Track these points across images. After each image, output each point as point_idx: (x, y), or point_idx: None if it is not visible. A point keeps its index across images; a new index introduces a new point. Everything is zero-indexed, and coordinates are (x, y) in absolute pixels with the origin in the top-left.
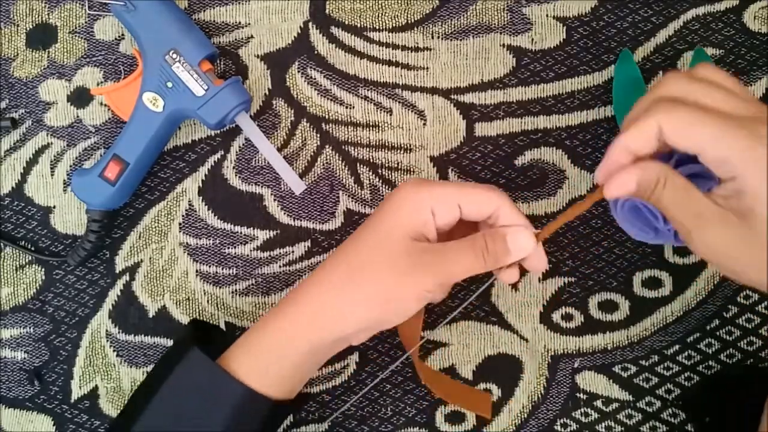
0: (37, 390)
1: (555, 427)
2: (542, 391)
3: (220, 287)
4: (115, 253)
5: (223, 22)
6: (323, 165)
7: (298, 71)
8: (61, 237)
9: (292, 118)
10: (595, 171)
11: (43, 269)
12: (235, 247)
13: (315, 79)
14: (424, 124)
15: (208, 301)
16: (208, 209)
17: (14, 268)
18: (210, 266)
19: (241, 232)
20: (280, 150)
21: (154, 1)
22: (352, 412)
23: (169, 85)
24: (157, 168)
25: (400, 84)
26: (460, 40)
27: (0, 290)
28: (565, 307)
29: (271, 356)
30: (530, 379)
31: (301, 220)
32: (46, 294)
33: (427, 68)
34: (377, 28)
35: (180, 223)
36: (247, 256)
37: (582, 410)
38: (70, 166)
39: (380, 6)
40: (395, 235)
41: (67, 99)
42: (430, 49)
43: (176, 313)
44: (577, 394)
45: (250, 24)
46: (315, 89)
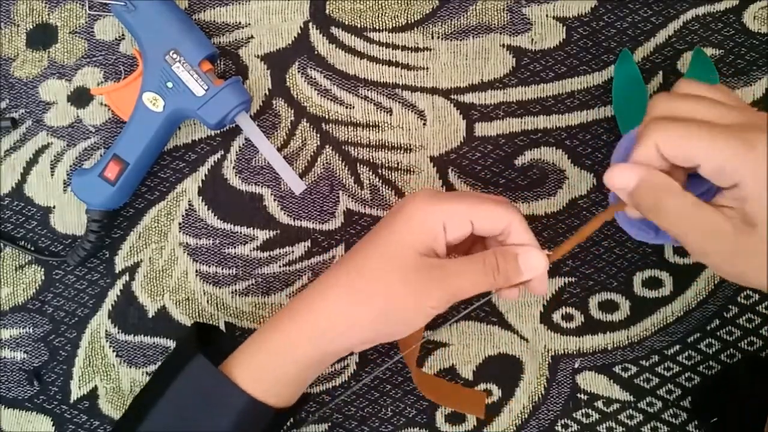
0: (37, 390)
1: (556, 428)
2: (543, 392)
3: (220, 287)
4: (115, 253)
5: (223, 22)
6: (323, 165)
7: (298, 71)
8: (61, 237)
9: (292, 118)
10: (610, 198)
11: (43, 269)
12: (235, 247)
13: (315, 79)
14: (424, 124)
15: (207, 301)
16: (208, 209)
17: (14, 268)
18: (210, 266)
19: (241, 232)
20: (280, 150)
21: (154, 1)
22: (353, 413)
23: (169, 85)
24: (157, 168)
25: (400, 84)
26: (460, 40)
27: (0, 290)
28: (566, 307)
29: (274, 365)
30: (531, 379)
31: (301, 220)
32: (45, 294)
33: (427, 68)
34: (377, 28)
35: (180, 223)
36: (247, 256)
37: (583, 411)
38: (70, 166)
39: (380, 6)
40: (404, 249)
41: (67, 99)
42: (430, 49)
43: (176, 313)
44: (578, 395)
45: (250, 24)
46: (315, 89)
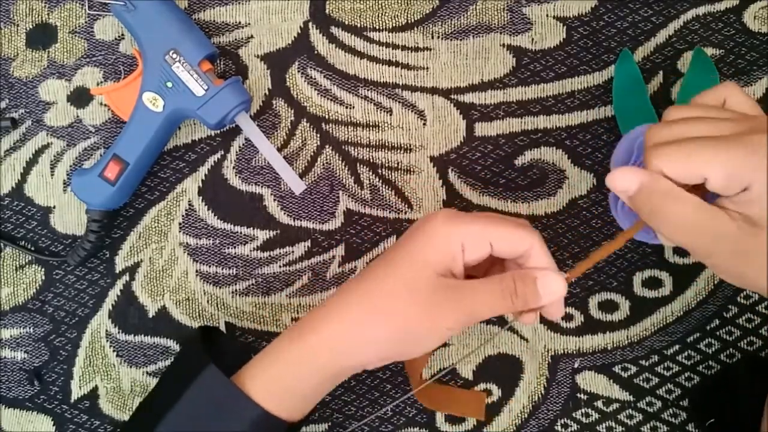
0: (37, 390)
1: (555, 428)
2: (542, 392)
3: (220, 287)
4: (115, 253)
5: (223, 22)
6: (323, 165)
7: (298, 71)
8: (61, 237)
9: (292, 118)
10: (610, 198)
11: (43, 269)
12: (235, 247)
13: (315, 79)
14: (424, 124)
15: (208, 301)
16: (208, 209)
17: (14, 268)
18: (210, 266)
19: (241, 232)
20: (280, 150)
21: (154, 1)
22: (353, 412)
23: (169, 85)
24: (157, 168)
25: (400, 84)
26: (460, 40)
27: (0, 290)
28: (565, 307)
29: (287, 378)
30: (530, 379)
31: (301, 220)
32: (46, 294)
33: (427, 68)
34: (377, 28)
35: (180, 223)
36: (247, 256)
37: (583, 410)
38: (70, 166)
39: (380, 6)
40: (422, 270)
41: (67, 99)
42: (430, 49)
43: (176, 313)
44: (578, 395)
45: (250, 24)
46: (315, 89)
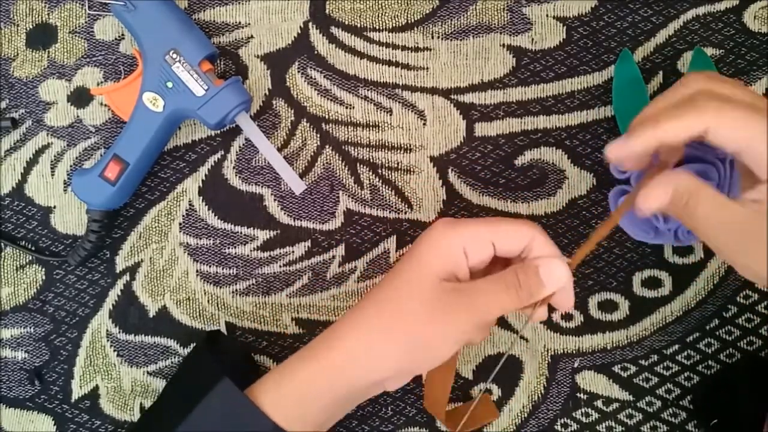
0: (38, 390)
1: (555, 427)
2: (542, 391)
3: (220, 287)
4: (116, 253)
5: (223, 22)
6: (323, 165)
7: (298, 71)
8: (62, 237)
9: (292, 118)
10: (608, 147)
11: (44, 269)
12: (235, 247)
13: (315, 79)
14: (424, 124)
15: (208, 301)
16: (208, 209)
17: (14, 268)
18: (210, 266)
19: (241, 232)
20: (280, 150)
21: (154, 1)
22: (353, 412)
23: (169, 85)
24: (157, 168)
25: (400, 84)
26: (460, 40)
27: (0, 290)
28: None
29: (300, 395)
30: (530, 378)
31: (301, 220)
32: (46, 294)
33: (427, 68)
34: (377, 28)
35: (180, 223)
36: (247, 256)
37: (582, 410)
38: (70, 166)
39: (380, 6)
40: (426, 279)
41: (67, 99)
42: (430, 49)
43: (176, 313)
44: (578, 394)
45: (250, 24)
46: (315, 89)
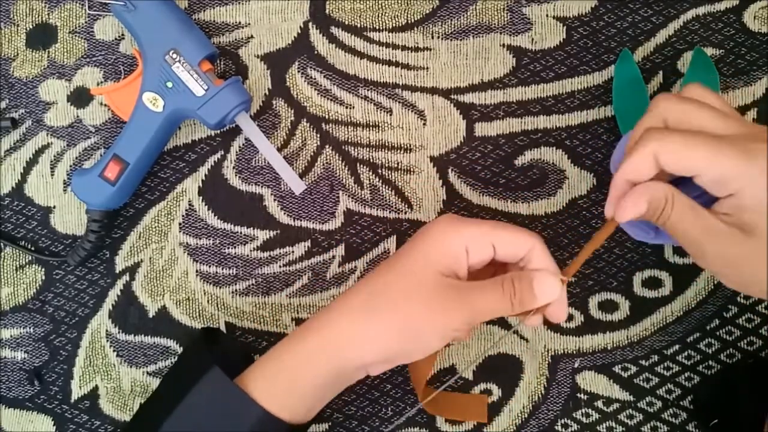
0: (37, 390)
1: (556, 428)
2: (542, 392)
3: (220, 287)
4: (115, 253)
5: (223, 22)
6: (323, 165)
7: (298, 71)
8: (61, 237)
9: (292, 118)
10: (605, 207)
11: (43, 269)
12: (235, 247)
13: (315, 79)
14: (424, 124)
15: (208, 301)
16: (208, 209)
17: (14, 268)
18: (210, 266)
19: (241, 232)
20: (280, 150)
21: (154, 1)
22: (353, 412)
23: (169, 85)
24: (157, 168)
25: (400, 84)
26: (460, 40)
27: (0, 290)
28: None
29: (289, 380)
30: (530, 379)
31: (301, 220)
32: (46, 294)
33: (427, 68)
34: (377, 28)
35: (180, 223)
36: (247, 256)
37: (583, 410)
38: (70, 166)
39: (380, 6)
40: (426, 270)
41: (67, 99)
42: (430, 49)
43: (176, 313)
44: (578, 395)
45: (250, 24)
46: (315, 89)
